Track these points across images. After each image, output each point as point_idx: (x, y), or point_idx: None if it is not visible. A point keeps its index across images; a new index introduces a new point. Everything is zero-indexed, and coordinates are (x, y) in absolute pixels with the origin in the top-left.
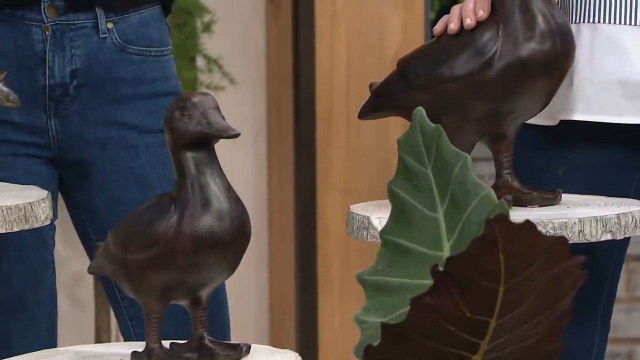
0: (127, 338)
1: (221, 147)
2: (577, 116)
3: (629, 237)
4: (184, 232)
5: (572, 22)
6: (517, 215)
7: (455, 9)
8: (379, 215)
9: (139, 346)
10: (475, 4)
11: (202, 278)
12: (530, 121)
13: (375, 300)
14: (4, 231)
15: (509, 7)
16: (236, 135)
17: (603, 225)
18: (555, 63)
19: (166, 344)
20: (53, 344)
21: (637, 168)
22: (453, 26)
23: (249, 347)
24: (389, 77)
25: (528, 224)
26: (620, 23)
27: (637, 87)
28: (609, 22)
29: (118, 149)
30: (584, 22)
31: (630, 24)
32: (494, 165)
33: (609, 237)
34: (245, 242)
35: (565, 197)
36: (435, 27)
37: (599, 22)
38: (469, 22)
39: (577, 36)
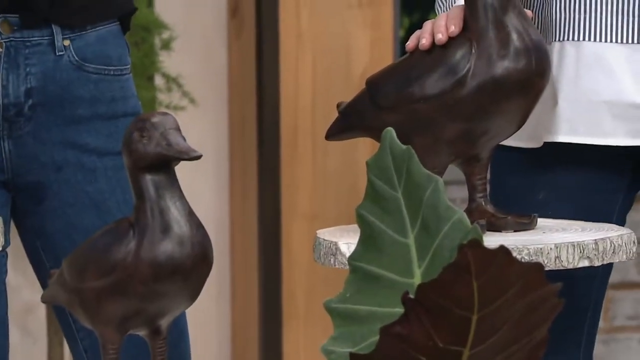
0: None
1: (181, 170)
2: (562, 138)
3: (611, 264)
4: (142, 259)
5: (556, 40)
6: (491, 240)
7: (428, 25)
8: (347, 241)
9: None
10: (447, 19)
11: (161, 307)
12: (511, 143)
13: (343, 330)
14: None
15: (482, 24)
16: (198, 157)
17: (580, 251)
18: (531, 82)
19: None
20: None
21: (621, 190)
22: (424, 41)
23: None
24: (357, 97)
25: (502, 250)
26: (605, 41)
27: (624, 107)
28: (594, 40)
29: (75, 172)
30: (568, 39)
31: (616, 41)
32: (466, 189)
33: (586, 263)
34: (207, 268)
35: (541, 221)
36: (407, 43)
37: (583, 39)
38: (441, 37)
39: (561, 54)
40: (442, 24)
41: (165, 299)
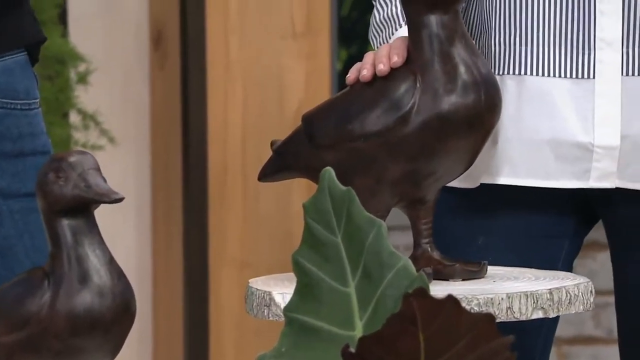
0: None
1: (100, 214)
2: (503, 180)
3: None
4: (58, 311)
5: (495, 74)
6: (438, 289)
7: (369, 56)
8: (281, 291)
9: None
10: (390, 50)
11: None
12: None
13: None
14: None
15: (427, 56)
16: (119, 200)
17: (534, 302)
18: (480, 118)
19: None
20: None
21: (567, 236)
22: (366, 73)
23: None
24: (292, 134)
25: (451, 300)
26: (549, 75)
27: (568, 146)
28: (537, 74)
29: None
30: (508, 73)
31: (559, 76)
32: (410, 235)
33: (540, 314)
34: (130, 321)
35: (491, 269)
36: (347, 76)
37: (525, 73)
38: (382, 67)
39: (501, 89)
40: (384, 54)
41: (83, 355)
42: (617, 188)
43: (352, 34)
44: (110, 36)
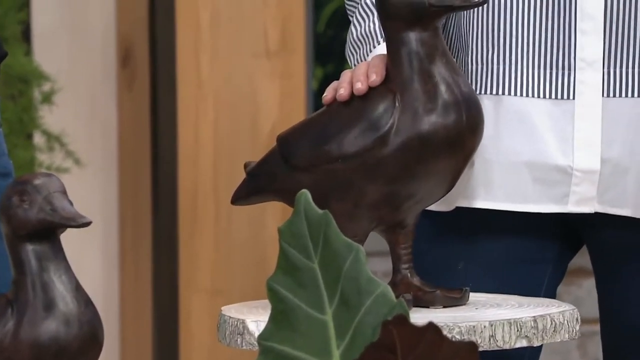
0: None
1: (65, 239)
2: (479, 204)
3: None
4: (22, 340)
5: None
6: (419, 317)
7: (346, 74)
8: (255, 318)
9: None
10: (368, 68)
11: None
12: None
13: None
14: None
15: (407, 74)
16: (87, 224)
17: (517, 330)
18: (461, 139)
19: None
20: None
21: (550, 261)
22: (343, 92)
23: None
24: (267, 156)
25: (431, 327)
26: (527, 95)
27: (546, 169)
28: (515, 94)
29: None
30: (486, 93)
31: (538, 96)
32: (389, 262)
33: (524, 343)
34: (97, 351)
35: (473, 296)
36: (324, 95)
37: (503, 93)
38: (360, 86)
39: None
40: (362, 72)
41: None
42: (597, 213)
43: (328, 52)
44: (76, 54)
